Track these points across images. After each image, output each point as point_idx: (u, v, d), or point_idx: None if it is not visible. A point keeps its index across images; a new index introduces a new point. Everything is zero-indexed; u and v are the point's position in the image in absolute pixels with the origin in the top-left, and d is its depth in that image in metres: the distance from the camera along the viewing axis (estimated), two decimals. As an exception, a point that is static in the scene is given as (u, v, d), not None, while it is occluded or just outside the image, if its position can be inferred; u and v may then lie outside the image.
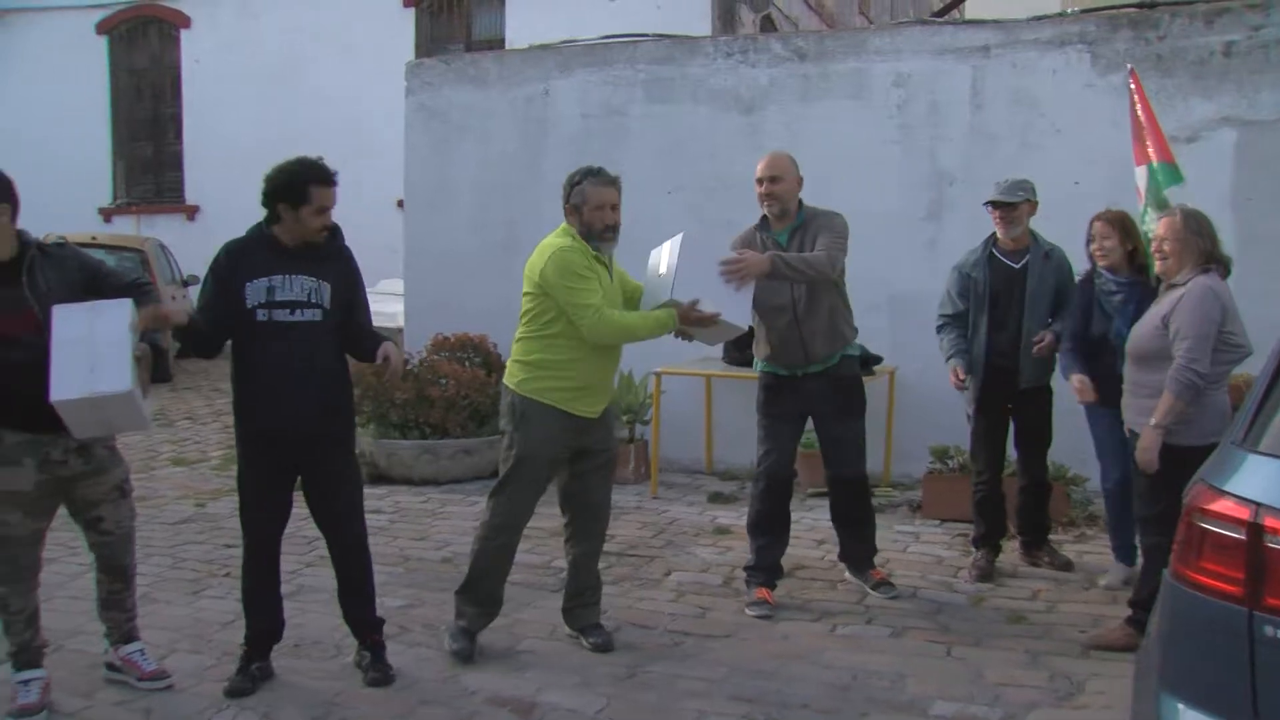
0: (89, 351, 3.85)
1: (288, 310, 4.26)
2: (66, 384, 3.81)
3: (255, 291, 4.24)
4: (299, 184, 4.22)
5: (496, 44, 14.94)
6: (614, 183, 4.70)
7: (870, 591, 5.46)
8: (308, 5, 16.84)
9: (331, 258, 4.39)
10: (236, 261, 4.29)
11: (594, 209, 4.61)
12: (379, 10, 16.63)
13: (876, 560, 5.64)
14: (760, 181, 5.25)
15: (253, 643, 4.46)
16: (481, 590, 4.75)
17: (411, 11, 16.87)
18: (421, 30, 16.83)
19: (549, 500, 4.90)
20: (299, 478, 4.46)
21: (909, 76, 7.80)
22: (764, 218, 5.33)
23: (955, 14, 13.41)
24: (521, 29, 14.81)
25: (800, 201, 5.30)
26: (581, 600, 4.91)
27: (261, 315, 4.23)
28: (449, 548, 6.27)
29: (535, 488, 4.75)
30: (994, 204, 5.65)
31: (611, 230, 4.65)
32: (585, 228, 4.62)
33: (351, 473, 4.54)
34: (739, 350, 6.63)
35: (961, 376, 5.62)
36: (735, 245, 5.33)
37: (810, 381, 5.31)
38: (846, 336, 5.36)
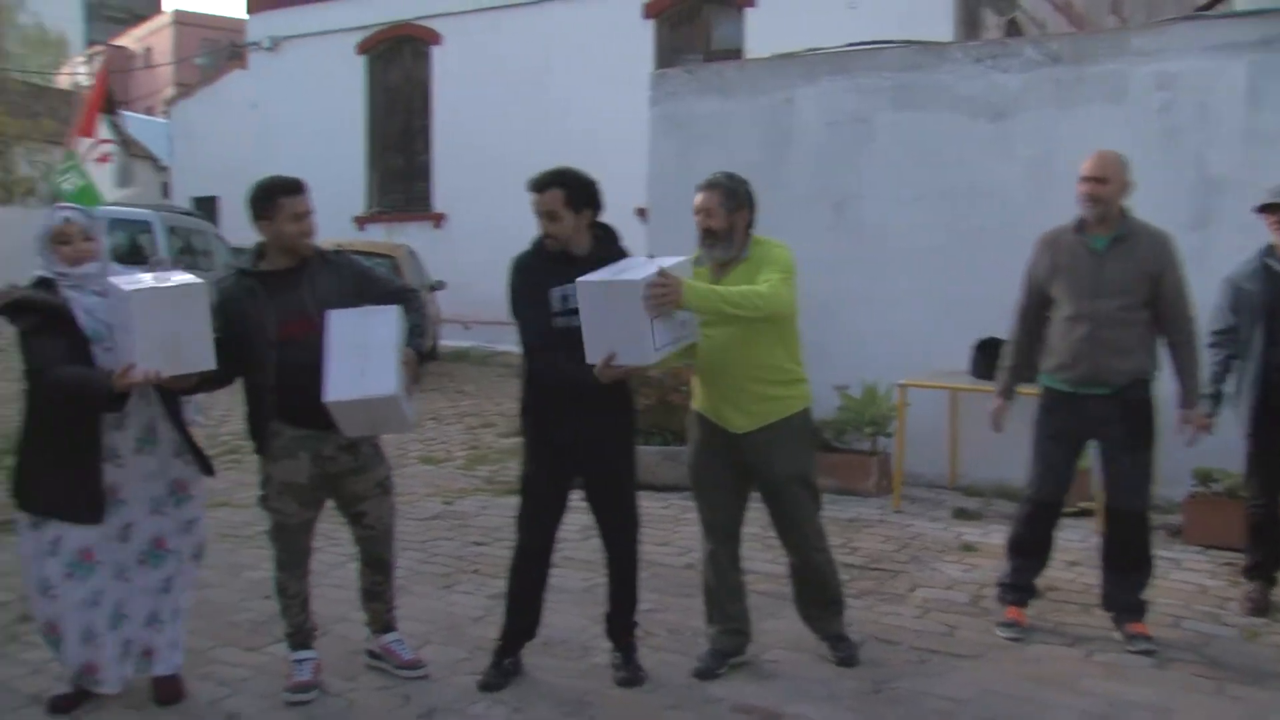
0: (360, 355, 4.05)
1: (576, 316, 4.31)
2: (340, 385, 4.02)
3: (554, 299, 4.34)
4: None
5: (734, 54, 15.00)
6: (706, 186, 4.44)
7: (1124, 642, 4.95)
8: (551, 19, 17.33)
9: (592, 263, 4.43)
10: (530, 272, 4.38)
11: (694, 215, 4.49)
12: (619, 22, 16.94)
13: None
14: (1084, 181, 4.89)
15: (507, 639, 4.59)
16: (713, 604, 4.73)
17: (651, 23, 17.13)
18: (661, 41, 17.04)
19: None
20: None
21: (1174, 77, 7.36)
22: (1081, 220, 4.95)
23: (1222, 6, 12.62)
24: (760, 38, 14.83)
25: (1124, 209, 4.92)
26: (809, 612, 4.82)
27: (559, 323, 4.32)
28: (691, 554, 6.29)
29: (709, 494, 4.65)
30: (1266, 208, 5.29)
31: (708, 234, 4.44)
32: None
33: (632, 475, 4.61)
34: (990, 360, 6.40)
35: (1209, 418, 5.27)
36: (1040, 245, 5.08)
37: (1095, 403, 4.90)
38: (1144, 363, 4.92)
